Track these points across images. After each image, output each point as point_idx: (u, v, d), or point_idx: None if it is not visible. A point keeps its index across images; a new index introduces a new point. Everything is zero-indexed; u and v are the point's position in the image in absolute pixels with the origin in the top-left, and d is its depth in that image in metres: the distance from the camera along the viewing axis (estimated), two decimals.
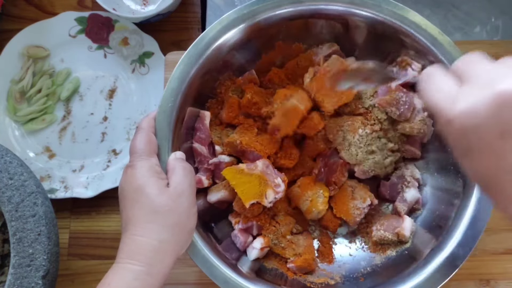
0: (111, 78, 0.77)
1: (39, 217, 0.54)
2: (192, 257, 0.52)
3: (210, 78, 0.60)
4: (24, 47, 0.76)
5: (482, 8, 0.75)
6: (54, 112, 0.76)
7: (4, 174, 0.55)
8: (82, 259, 0.71)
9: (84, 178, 0.73)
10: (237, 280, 0.51)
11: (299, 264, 0.57)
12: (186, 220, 0.49)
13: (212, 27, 0.56)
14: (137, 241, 0.46)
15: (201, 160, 0.59)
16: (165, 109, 0.54)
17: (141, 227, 0.47)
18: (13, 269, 0.52)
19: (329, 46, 0.61)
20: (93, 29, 0.77)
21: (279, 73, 0.62)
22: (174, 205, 0.48)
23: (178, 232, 0.48)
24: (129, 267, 0.45)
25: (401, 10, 0.56)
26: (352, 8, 0.57)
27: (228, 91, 0.61)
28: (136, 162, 0.50)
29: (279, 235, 0.59)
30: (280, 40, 0.62)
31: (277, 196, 0.55)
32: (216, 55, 0.57)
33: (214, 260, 0.52)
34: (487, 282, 0.63)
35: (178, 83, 0.55)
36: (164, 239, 0.47)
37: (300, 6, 0.57)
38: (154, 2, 0.79)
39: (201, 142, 0.59)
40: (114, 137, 0.75)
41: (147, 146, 0.51)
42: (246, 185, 0.54)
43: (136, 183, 0.48)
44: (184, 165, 0.52)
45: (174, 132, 0.55)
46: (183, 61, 0.56)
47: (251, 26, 0.57)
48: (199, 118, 0.59)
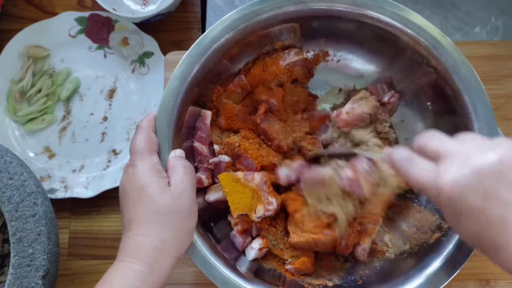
0: (111, 78, 0.77)
1: (39, 217, 0.54)
2: (191, 257, 0.52)
3: (212, 78, 0.60)
4: (24, 47, 0.76)
5: (482, 8, 0.75)
6: (54, 112, 0.76)
7: (4, 174, 0.55)
8: (82, 259, 0.71)
9: (84, 178, 0.73)
10: (235, 280, 0.51)
11: (297, 266, 0.57)
12: (188, 219, 0.49)
13: (214, 27, 0.56)
14: (140, 241, 0.46)
15: (201, 159, 0.58)
16: (165, 108, 0.54)
17: (143, 226, 0.47)
18: (13, 269, 0.52)
19: (296, 53, 0.61)
20: (93, 29, 0.77)
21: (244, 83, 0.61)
22: (175, 204, 0.48)
23: (179, 231, 0.48)
24: (131, 267, 0.45)
25: (402, 11, 0.56)
26: (355, 9, 0.57)
27: (221, 98, 0.61)
28: (137, 161, 0.50)
29: (278, 236, 0.59)
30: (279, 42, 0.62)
31: (267, 214, 0.54)
32: (217, 55, 0.57)
33: (213, 260, 0.52)
34: (487, 282, 0.63)
35: (179, 82, 0.55)
36: (166, 239, 0.47)
37: (302, 7, 0.57)
38: (154, 2, 0.79)
39: (202, 141, 0.59)
40: (114, 137, 0.75)
41: (147, 145, 0.51)
42: (239, 195, 0.54)
43: (137, 183, 0.48)
44: (184, 163, 0.52)
45: (175, 131, 0.54)
46: (184, 60, 0.55)
47: (252, 27, 0.57)
48: (200, 117, 0.59)
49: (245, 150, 0.58)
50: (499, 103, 0.54)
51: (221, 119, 0.61)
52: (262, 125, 0.60)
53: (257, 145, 0.59)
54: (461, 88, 0.54)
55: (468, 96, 0.54)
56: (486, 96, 0.53)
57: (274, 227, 0.59)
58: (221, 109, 0.61)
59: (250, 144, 0.59)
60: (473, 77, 0.54)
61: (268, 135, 0.60)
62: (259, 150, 0.59)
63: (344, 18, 0.58)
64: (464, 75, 0.54)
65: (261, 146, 0.60)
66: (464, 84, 0.54)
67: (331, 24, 0.60)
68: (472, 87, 0.54)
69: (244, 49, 0.60)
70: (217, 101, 0.61)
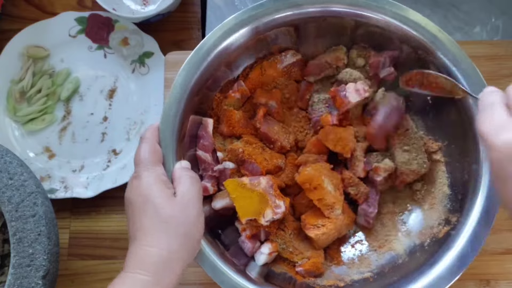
0: (111, 78, 0.77)
1: (39, 217, 0.54)
2: (200, 263, 0.52)
3: (211, 85, 0.59)
4: (24, 47, 0.76)
5: (482, 8, 0.75)
6: (54, 112, 0.76)
7: (4, 174, 0.55)
8: (82, 259, 0.71)
9: (84, 178, 0.73)
10: (246, 285, 0.51)
11: (307, 267, 0.57)
12: (194, 229, 0.49)
13: (213, 33, 0.56)
14: (146, 251, 0.46)
15: (205, 167, 0.58)
16: (168, 117, 0.54)
17: (150, 237, 0.47)
18: (13, 269, 0.52)
19: (293, 55, 0.62)
20: (93, 29, 0.77)
21: (243, 88, 0.61)
22: (182, 215, 0.48)
23: (186, 241, 0.48)
24: (138, 277, 0.45)
25: (402, 10, 0.57)
26: (355, 10, 0.57)
27: (221, 106, 0.61)
28: (141, 173, 0.49)
29: (287, 239, 0.59)
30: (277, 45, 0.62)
31: (275, 217, 0.54)
32: (217, 62, 0.57)
33: (222, 266, 0.52)
34: (487, 282, 0.63)
35: (181, 90, 0.55)
36: (173, 249, 0.47)
37: (300, 10, 0.57)
38: (154, 2, 0.79)
39: (205, 149, 0.58)
40: (114, 137, 0.75)
41: (152, 156, 0.51)
42: (246, 201, 0.54)
43: (143, 194, 0.48)
44: (190, 174, 0.52)
45: (178, 140, 0.54)
46: (184, 68, 0.55)
47: (251, 31, 0.57)
48: (202, 126, 0.59)
49: (249, 155, 0.57)
50: None
51: (223, 126, 0.60)
52: (262, 129, 0.60)
53: (260, 149, 0.59)
54: (462, 80, 0.55)
55: (469, 87, 0.54)
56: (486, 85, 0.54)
57: (283, 230, 0.59)
58: (222, 116, 0.61)
59: (253, 149, 0.59)
60: (474, 72, 0.55)
61: (269, 138, 0.60)
62: (262, 154, 0.59)
63: (341, 18, 0.58)
64: (464, 69, 0.55)
65: (264, 150, 0.60)
66: (465, 78, 0.55)
67: (328, 25, 0.60)
68: (473, 80, 0.55)
69: (242, 54, 0.60)
70: (218, 108, 0.61)
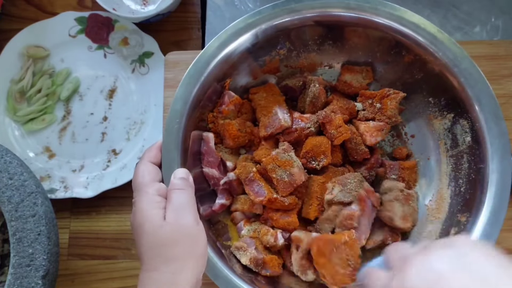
0: (111, 78, 0.77)
1: (39, 217, 0.54)
2: (213, 279, 0.52)
3: (207, 102, 0.59)
4: (24, 47, 0.76)
5: (482, 8, 0.75)
6: (54, 112, 0.76)
7: (4, 174, 0.55)
8: (82, 259, 0.71)
9: (84, 178, 0.73)
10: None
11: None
12: (195, 244, 0.49)
13: (210, 44, 0.56)
14: (149, 277, 0.46)
15: (214, 182, 0.58)
16: (171, 131, 0.54)
17: (149, 262, 0.47)
18: (13, 269, 0.52)
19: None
20: (93, 29, 0.77)
21: (235, 98, 0.61)
22: (177, 234, 0.48)
23: (188, 258, 0.48)
24: None
25: (398, 11, 0.56)
26: (351, 13, 0.57)
27: (217, 121, 0.60)
28: (136, 198, 0.50)
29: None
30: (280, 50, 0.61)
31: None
32: (216, 72, 0.57)
33: (236, 280, 0.52)
34: None
35: (182, 104, 0.55)
36: (176, 269, 0.46)
37: (297, 15, 0.57)
38: (154, 2, 0.79)
39: (211, 165, 0.58)
40: (114, 137, 0.75)
41: (145, 178, 0.51)
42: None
43: (137, 220, 0.49)
44: (180, 186, 0.51)
45: (182, 153, 0.54)
46: (184, 81, 0.55)
47: (249, 39, 0.57)
48: (204, 141, 0.59)
49: (260, 178, 0.57)
50: (499, 103, 0.54)
51: (227, 141, 0.59)
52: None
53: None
54: (463, 81, 0.55)
55: (471, 88, 0.54)
56: (488, 87, 0.54)
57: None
58: (222, 131, 0.60)
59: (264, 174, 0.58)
60: (475, 71, 0.55)
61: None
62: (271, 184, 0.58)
63: (339, 21, 0.58)
64: (465, 68, 0.55)
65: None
66: (466, 77, 0.55)
67: (325, 30, 0.60)
68: (474, 80, 0.55)
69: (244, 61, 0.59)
70: (216, 125, 0.60)
